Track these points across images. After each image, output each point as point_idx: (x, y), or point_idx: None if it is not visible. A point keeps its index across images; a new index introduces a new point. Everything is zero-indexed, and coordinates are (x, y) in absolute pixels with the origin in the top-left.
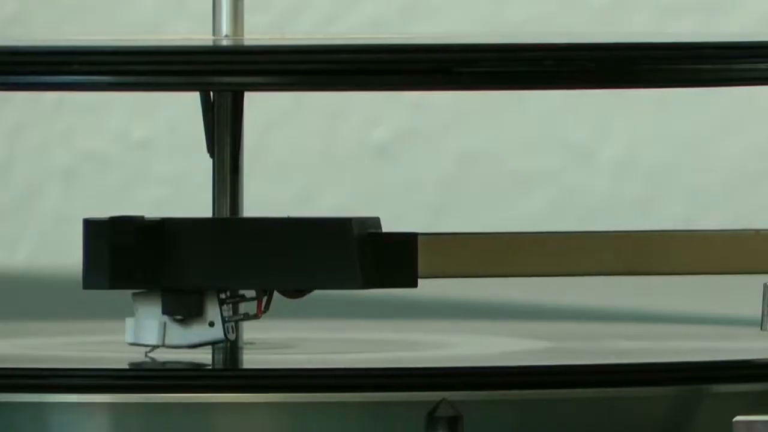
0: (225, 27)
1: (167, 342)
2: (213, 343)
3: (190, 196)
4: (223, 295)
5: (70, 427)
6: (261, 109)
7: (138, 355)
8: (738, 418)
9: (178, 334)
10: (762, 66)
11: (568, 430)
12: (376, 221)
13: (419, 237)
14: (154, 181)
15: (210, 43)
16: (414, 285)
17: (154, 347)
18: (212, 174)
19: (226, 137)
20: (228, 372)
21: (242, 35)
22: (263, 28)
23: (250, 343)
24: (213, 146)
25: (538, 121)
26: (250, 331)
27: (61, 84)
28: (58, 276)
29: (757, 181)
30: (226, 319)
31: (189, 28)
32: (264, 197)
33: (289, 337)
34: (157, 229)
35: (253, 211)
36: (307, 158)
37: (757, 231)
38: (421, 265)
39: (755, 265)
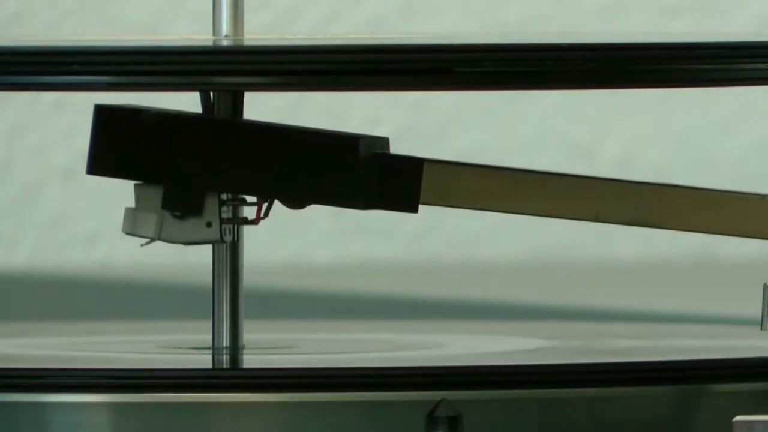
0: (225, 27)
1: (163, 236)
2: (208, 242)
3: None
4: (223, 197)
5: (70, 427)
6: (261, 108)
7: (138, 355)
8: (738, 418)
9: (175, 230)
10: (761, 66)
11: (568, 430)
12: (384, 142)
13: (425, 163)
14: None
15: (210, 43)
16: (415, 210)
17: (150, 240)
18: None
19: None
20: (228, 372)
21: (242, 35)
22: (263, 28)
23: (250, 343)
24: None
25: (538, 120)
26: (250, 331)
27: (61, 84)
28: (58, 276)
29: (757, 181)
30: (224, 221)
31: (189, 27)
32: None
33: (289, 337)
34: (166, 123)
35: (252, 212)
36: None
37: (762, 196)
38: (424, 192)
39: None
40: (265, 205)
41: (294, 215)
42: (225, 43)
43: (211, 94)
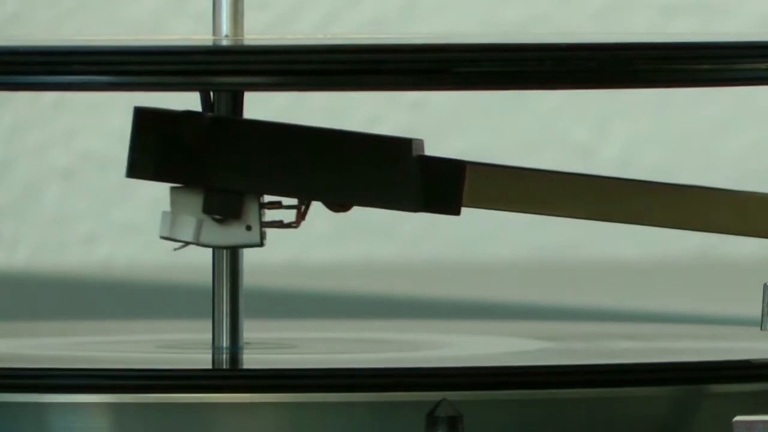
0: (225, 27)
1: (202, 240)
2: (247, 246)
3: None
4: (263, 200)
5: (70, 427)
6: (260, 108)
7: (138, 355)
8: (738, 418)
9: (214, 233)
10: (762, 66)
11: (568, 430)
12: (420, 143)
13: (467, 165)
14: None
15: (209, 43)
16: (457, 213)
17: (187, 243)
18: None
19: None
20: (228, 372)
21: (242, 35)
22: (263, 28)
23: (250, 343)
24: None
25: (537, 121)
26: (250, 331)
27: (61, 84)
28: (58, 276)
29: (758, 181)
30: (264, 224)
31: (189, 27)
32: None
33: (289, 337)
34: (210, 126)
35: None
36: None
37: None
38: (466, 195)
39: None
40: (302, 208)
41: (293, 215)
42: (225, 43)
43: (211, 93)
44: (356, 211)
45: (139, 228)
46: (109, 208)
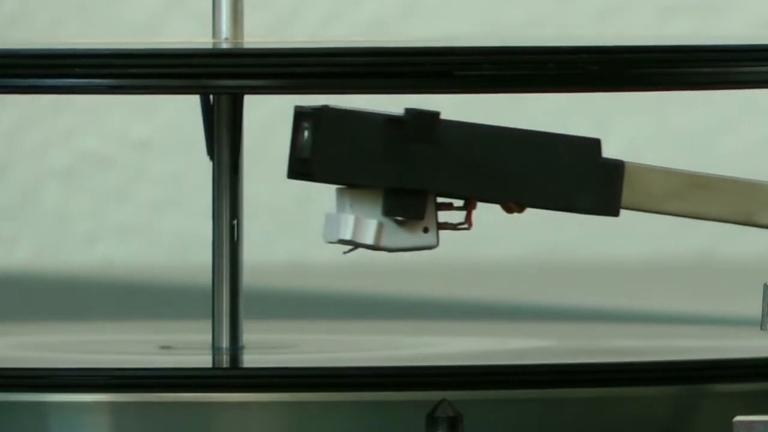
0: (225, 29)
1: (382, 243)
2: (424, 249)
3: (190, 196)
4: (439, 201)
5: (70, 427)
6: (261, 108)
7: (138, 356)
8: (738, 418)
9: (393, 236)
10: (762, 69)
11: (568, 430)
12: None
13: (625, 165)
14: (153, 181)
15: (209, 46)
16: (616, 214)
17: (358, 246)
18: (212, 175)
19: (225, 138)
20: (228, 372)
21: (242, 37)
22: (264, 30)
23: (250, 343)
24: (213, 148)
25: (538, 120)
26: (250, 331)
27: (62, 87)
28: (58, 276)
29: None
30: (440, 226)
31: (189, 29)
32: (264, 197)
33: (289, 337)
34: (394, 125)
35: (252, 211)
36: None
37: None
38: (624, 195)
39: None
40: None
41: (294, 215)
42: (225, 46)
43: (211, 96)
44: None
45: (139, 228)
46: (109, 208)
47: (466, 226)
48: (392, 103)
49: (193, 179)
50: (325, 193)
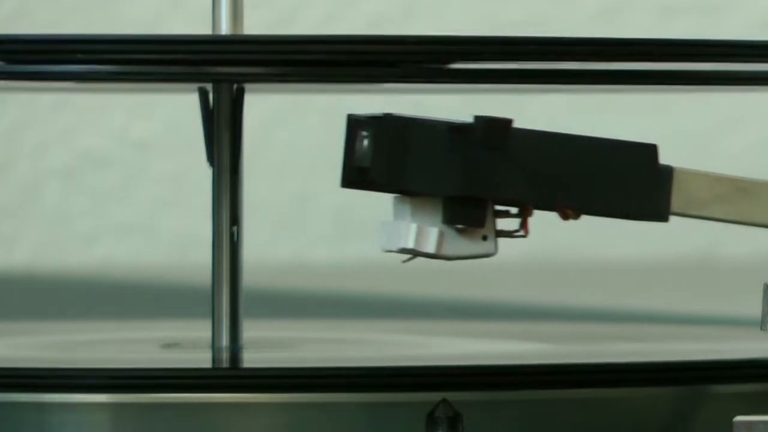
0: (225, 27)
1: (443, 252)
2: (482, 257)
3: (190, 196)
4: (497, 209)
5: (70, 427)
6: (261, 108)
7: (138, 356)
8: (738, 418)
9: (454, 244)
10: (763, 68)
11: (568, 430)
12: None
13: (674, 171)
14: (153, 181)
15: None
16: (666, 219)
17: (416, 255)
18: (212, 175)
19: (225, 138)
20: (228, 372)
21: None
22: (263, 29)
23: (250, 343)
24: (212, 149)
25: (538, 121)
26: (250, 330)
27: (63, 73)
28: (58, 276)
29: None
30: (498, 233)
31: (189, 28)
32: (264, 197)
33: (289, 336)
34: (460, 132)
35: (252, 211)
36: (306, 158)
37: None
38: (674, 201)
39: None
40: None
41: (293, 215)
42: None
43: (210, 97)
44: (356, 211)
45: (139, 228)
46: (109, 207)
47: (522, 233)
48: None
49: (193, 179)
50: (325, 194)
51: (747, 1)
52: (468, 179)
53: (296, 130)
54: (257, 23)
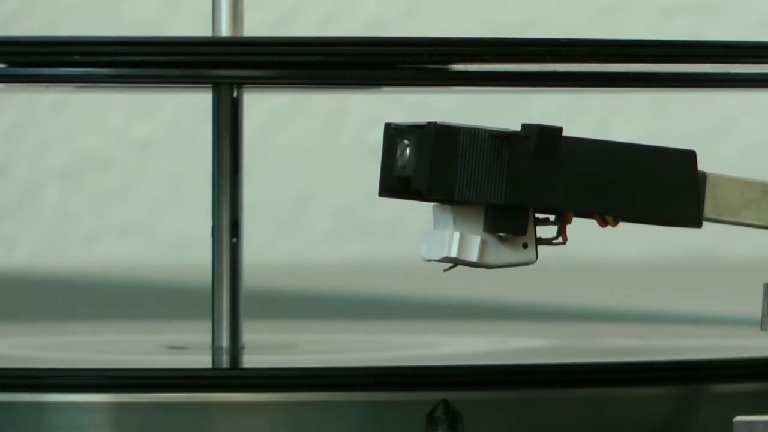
0: (224, 29)
1: (485, 260)
2: (523, 264)
3: (190, 196)
4: (537, 216)
5: (70, 427)
6: (261, 108)
7: (138, 356)
8: (738, 418)
9: (495, 252)
10: (763, 69)
11: (568, 430)
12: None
13: (708, 175)
14: (153, 181)
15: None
16: (699, 225)
17: (458, 264)
18: (212, 175)
19: (225, 138)
20: (228, 372)
21: (242, 35)
22: (263, 29)
23: (250, 343)
24: (214, 147)
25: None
26: (250, 331)
27: (60, 76)
28: (58, 276)
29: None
30: (539, 241)
31: (188, 29)
32: (264, 197)
33: (289, 337)
34: (505, 141)
35: (252, 211)
36: (306, 158)
37: None
38: (707, 206)
39: None
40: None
41: (293, 215)
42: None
43: (211, 97)
44: (357, 211)
45: (139, 228)
46: (109, 208)
47: (561, 240)
48: (391, 101)
49: (193, 179)
50: (325, 194)
51: (747, 1)
52: (514, 187)
53: (296, 131)
54: (257, 23)
